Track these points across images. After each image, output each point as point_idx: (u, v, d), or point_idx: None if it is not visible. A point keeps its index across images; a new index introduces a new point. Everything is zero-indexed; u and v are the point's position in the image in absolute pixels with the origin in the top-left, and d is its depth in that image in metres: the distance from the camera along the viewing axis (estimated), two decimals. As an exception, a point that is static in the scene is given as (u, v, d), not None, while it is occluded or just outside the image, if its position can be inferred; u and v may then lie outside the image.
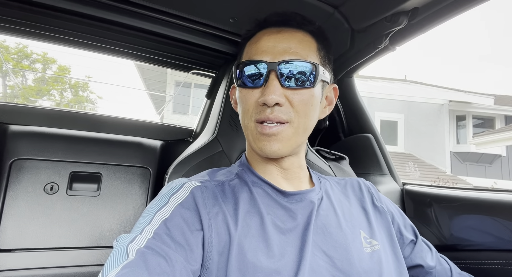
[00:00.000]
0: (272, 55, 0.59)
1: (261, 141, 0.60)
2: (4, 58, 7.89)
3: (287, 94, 0.59)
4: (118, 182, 1.13)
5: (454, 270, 0.72)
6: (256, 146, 0.61)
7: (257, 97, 0.60)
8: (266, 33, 0.63)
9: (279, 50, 0.60)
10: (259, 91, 0.60)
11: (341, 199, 0.68)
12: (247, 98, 0.61)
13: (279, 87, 0.58)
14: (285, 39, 0.61)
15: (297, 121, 0.60)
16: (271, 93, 0.57)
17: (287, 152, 0.61)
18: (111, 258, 0.45)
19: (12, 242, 0.98)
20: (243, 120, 0.64)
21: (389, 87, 10.39)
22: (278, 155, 0.61)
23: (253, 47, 0.63)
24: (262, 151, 0.60)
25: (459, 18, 0.81)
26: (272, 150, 0.59)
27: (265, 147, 0.59)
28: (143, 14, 0.95)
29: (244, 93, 0.62)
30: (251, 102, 0.60)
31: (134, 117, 1.33)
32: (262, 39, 0.62)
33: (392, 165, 1.25)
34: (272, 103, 0.57)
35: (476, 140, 10.08)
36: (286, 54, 0.59)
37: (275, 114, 0.58)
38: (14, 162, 1.02)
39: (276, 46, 0.60)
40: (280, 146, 0.59)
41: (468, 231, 0.92)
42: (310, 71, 0.59)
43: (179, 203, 0.54)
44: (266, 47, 0.61)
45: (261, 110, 0.59)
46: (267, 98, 0.57)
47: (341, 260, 0.56)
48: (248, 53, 0.64)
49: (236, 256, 0.51)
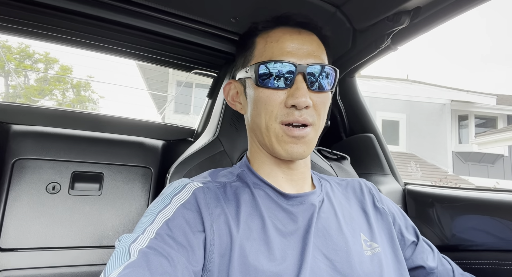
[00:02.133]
0: (298, 57, 0.59)
1: (288, 143, 0.60)
2: (6, 58, 7.92)
3: (312, 96, 0.59)
4: (119, 182, 1.13)
5: (456, 271, 0.72)
6: (281, 148, 0.60)
7: (283, 98, 0.59)
8: (287, 32, 0.62)
9: (304, 53, 0.60)
10: (284, 93, 0.59)
11: (342, 201, 0.68)
12: (271, 99, 0.59)
13: (307, 89, 0.58)
14: (307, 42, 0.62)
15: (318, 123, 0.61)
16: (302, 96, 0.57)
17: (309, 154, 0.62)
18: (113, 258, 0.45)
19: (14, 242, 0.98)
20: (263, 122, 0.61)
21: (391, 87, 10.37)
22: (303, 157, 0.61)
23: (275, 45, 0.61)
24: (287, 153, 0.60)
25: (461, 17, 0.81)
26: (299, 152, 0.59)
27: (292, 149, 0.59)
28: (145, 14, 0.95)
29: (267, 93, 0.60)
30: (275, 103, 0.59)
31: (135, 117, 1.34)
32: (285, 39, 0.61)
33: (394, 165, 1.24)
34: (303, 106, 0.57)
35: (478, 140, 10.05)
36: (311, 57, 0.60)
37: (304, 116, 0.58)
38: (16, 161, 1.02)
39: (301, 48, 0.60)
40: (305, 148, 0.60)
41: (470, 231, 0.91)
42: (331, 75, 0.62)
43: (181, 204, 0.54)
44: (291, 48, 0.60)
45: (289, 112, 0.58)
46: (299, 101, 0.56)
47: (341, 263, 0.56)
48: (268, 52, 0.62)
49: (237, 259, 0.51)
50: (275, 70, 0.59)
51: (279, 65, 0.58)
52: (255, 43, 0.65)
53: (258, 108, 0.62)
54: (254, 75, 0.61)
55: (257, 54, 0.64)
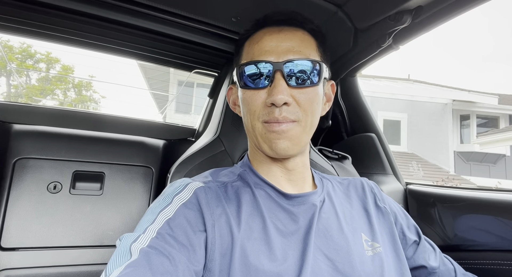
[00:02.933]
0: (276, 54, 0.59)
1: (270, 139, 0.59)
2: (8, 57, 7.94)
3: (293, 93, 0.58)
4: (121, 181, 1.13)
5: (458, 271, 0.72)
6: (266, 145, 0.60)
7: (264, 97, 0.59)
8: (267, 32, 0.62)
9: (283, 50, 0.59)
10: (265, 92, 0.59)
11: (343, 201, 0.68)
12: (252, 99, 0.60)
13: (286, 86, 0.58)
14: (287, 38, 0.61)
15: (304, 119, 0.60)
16: (279, 93, 0.56)
17: (295, 151, 0.61)
18: (114, 257, 0.45)
19: (15, 241, 0.98)
20: (249, 122, 0.62)
21: (392, 86, 10.35)
22: (288, 153, 0.60)
23: (255, 47, 0.62)
24: (271, 150, 0.60)
25: (463, 17, 0.81)
26: (281, 147, 0.59)
27: (275, 145, 0.59)
28: (146, 14, 0.95)
29: (249, 94, 0.61)
30: (257, 103, 0.59)
31: (137, 116, 1.34)
32: (264, 39, 0.62)
33: (395, 165, 1.24)
34: (280, 103, 0.57)
35: (480, 140, 10.03)
36: (290, 53, 0.59)
37: (284, 115, 0.57)
38: (17, 161, 1.03)
39: (279, 45, 0.60)
40: (289, 144, 0.59)
41: (472, 231, 0.91)
42: (315, 69, 0.60)
43: (183, 203, 0.54)
44: (269, 46, 0.60)
45: (269, 111, 0.58)
46: (275, 98, 0.56)
47: (342, 263, 0.56)
48: (250, 53, 0.63)
49: (238, 259, 0.51)
50: (254, 70, 0.59)
51: (257, 65, 0.59)
52: (243, 47, 0.66)
53: (244, 109, 0.63)
54: (237, 77, 0.62)
55: (243, 58, 0.65)
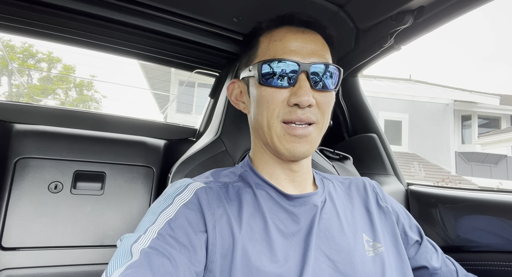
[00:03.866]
0: (301, 56, 0.59)
1: (290, 142, 0.59)
2: (10, 57, 7.96)
3: (315, 95, 0.59)
4: (121, 181, 1.13)
5: (460, 272, 0.71)
6: (283, 147, 0.60)
7: (285, 96, 0.59)
8: (290, 31, 0.62)
9: (308, 51, 0.60)
10: (288, 91, 0.59)
11: (344, 201, 0.68)
12: (273, 97, 0.59)
13: (310, 88, 0.58)
14: (311, 41, 0.61)
15: (322, 122, 0.61)
16: (305, 95, 0.56)
17: (311, 153, 0.62)
18: (115, 258, 0.45)
19: (16, 241, 0.98)
20: (265, 120, 0.61)
21: (394, 87, 10.34)
22: (306, 156, 0.61)
23: (278, 44, 0.61)
24: (289, 152, 0.60)
25: (464, 17, 0.80)
26: (301, 151, 0.59)
27: (294, 148, 0.59)
28: (148, 14, 0.95)
29: (269, 92, 0.60)
30: (278, 102, 0.59)
31: (138, 116, 1.34)
32: (288, 38, 0.61)
33: (397, 165, 1.24)
34: (306, 105, 0.57)
35: (481, 140, 10.01)
36: (314, 56, 0.60)
37: (307, 115, 0.58)
38: (18, 160, 1.03)
39: (305, 47, 0.60)
40: (308, 148, 0.60)
41: (474, 232, 0.91)
42: (335, 74, 0.61)
43: (184, 204, 0.54)
44: (295, 46, 0.60)
45: (291, 110, 0.58)
46: (302, 100, 0.56)
47: (344, 264, 0.56)
48: (272, 50, 0.62)
49: (240, 260, 0.51)
50: (278, 69, 0.59)
51: (282, 64, 0.58)
52: (259, 42, 0.65)
53: (260, 106, 0.61)
54: (257, 73, 0.60)
55: (261, 53, 0.64)
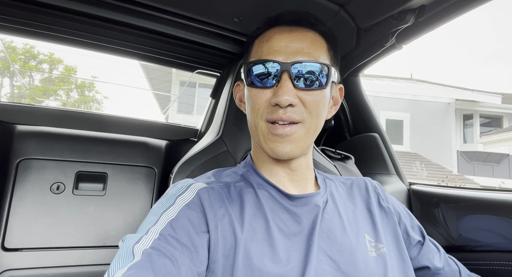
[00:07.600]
0: (285, 55, 0.59)
1: (273, 142, 0.59)
2: (11, 58, 7.98)
3: (299, 94, 0.58)
4: (123, 182, 1.13)
5: (463, 272, 0.71)
6: (267, 146, 0.60)
7: (269, 97, 0.59)
8: (277, 31, 0.62)
9: (292, 50, 0.59)
10: (271, 91, 0.59)
11: (346, 202, 0.67)
12: (257, 97, 0.60)
13: (292, 88, 0.57)
14: (298, 39, 0.60)
15: (309, 121, 0.59)
16: (284, 94, 0.56)
17: (298, 153, 0.60)
18: (117, 259, 0.45)
19: (18, 242, 0.98)
20: (252, 120, 0.62)
21: (395, 86, 10.32)
22: (290, 156, 0.60)
23: (264, 46, 0.61)
24: (273, 152, 0.59)
25: (466, 16, 0.80)
26: (284, 151, 0.58)
27: (277, 148, 0.58)
28: (149, 14, 0.95)
29: (254, 92, 0.60)
30: (262, 102, 0.59)
31: (139, 117, 1.34)
32: (274, 38, 0.61)
33: (399, 165, 1.24)
34: (285, 104, 0.56)
35: (483, 139, 9.98)
36: (299, 54, 0.59)
37: (288, 114, 0.57)
38: (21, 162, 1.03)
39: (289, 46, 0.59)
40: (292, 148, 0.59)
41: (476, 231, 0.90)
42: (323, 72, 0.59)
43: (186, 204, 0.54)
44: (278, 46, 0.60)
45: (273, 110, 0.58)
46: (280, 99, 0.56)
47: (346, 264, 0.55)
48: (259, 52, 0.62)
49: (242, 260, 0.50)
50: (261, 69, 0.59)
51: (265, 64, 0.59)
52: (253, 44, 0.66)
53: (249, 107, 0.63)
54: (245, 75, 0.62)
55: (252, 55, 0.65)
